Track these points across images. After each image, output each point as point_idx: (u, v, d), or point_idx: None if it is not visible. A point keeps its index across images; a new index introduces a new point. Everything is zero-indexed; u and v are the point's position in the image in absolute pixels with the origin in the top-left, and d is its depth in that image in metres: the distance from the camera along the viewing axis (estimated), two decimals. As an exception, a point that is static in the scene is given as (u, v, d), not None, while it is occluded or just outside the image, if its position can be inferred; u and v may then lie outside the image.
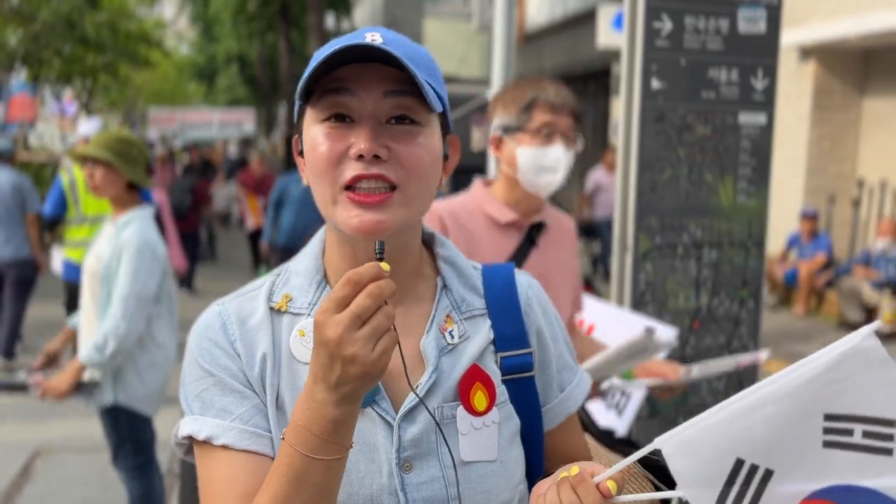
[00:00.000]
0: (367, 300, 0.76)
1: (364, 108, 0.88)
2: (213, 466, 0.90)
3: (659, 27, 2.51)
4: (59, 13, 14.57)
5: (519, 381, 1.00)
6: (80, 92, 20.61)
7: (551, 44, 15.40)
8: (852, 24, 8.14)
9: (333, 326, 0.76)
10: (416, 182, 0.90)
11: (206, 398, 0.92)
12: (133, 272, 2.65)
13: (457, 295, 1.01)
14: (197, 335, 0.97)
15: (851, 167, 9.41)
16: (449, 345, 0.97)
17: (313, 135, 0.91)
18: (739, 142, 2.62)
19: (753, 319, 2.73)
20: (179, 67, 36.07)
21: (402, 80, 0.88)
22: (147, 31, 20.11)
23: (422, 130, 0.91)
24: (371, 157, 0.87)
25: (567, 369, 1.08)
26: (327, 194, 0.90)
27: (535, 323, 1.04)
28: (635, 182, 2.57)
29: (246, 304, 0.98)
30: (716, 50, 2.57)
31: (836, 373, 0.76)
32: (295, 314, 0.97)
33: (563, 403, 1.07)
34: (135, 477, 2.93)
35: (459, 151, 1.05)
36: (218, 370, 0.93)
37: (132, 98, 32.04)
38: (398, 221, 0.89)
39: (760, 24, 2.59)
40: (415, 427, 0.92)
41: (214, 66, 30.49)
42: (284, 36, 18.09)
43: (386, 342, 0.77)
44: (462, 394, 0.95)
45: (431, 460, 0.92)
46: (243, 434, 0.90)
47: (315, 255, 1.01)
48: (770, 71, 2.62)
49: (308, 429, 0.79)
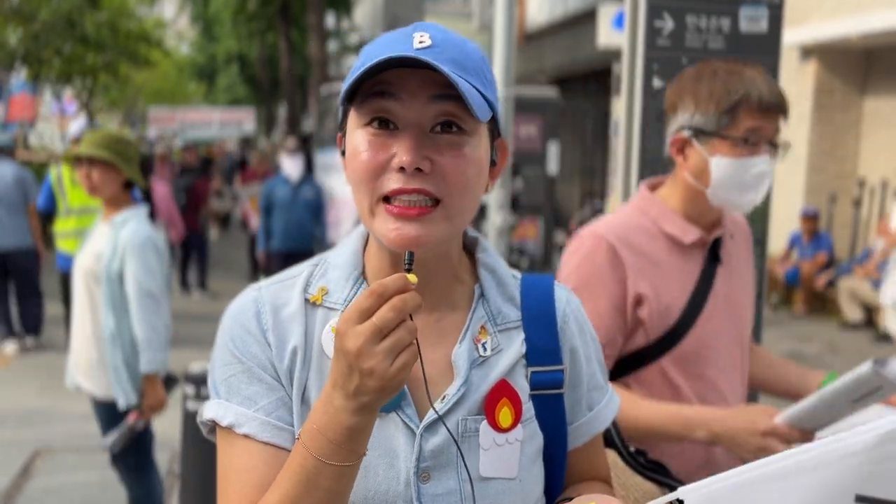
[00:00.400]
0: (390, 313, 0.74)
1: (408, 115, 0.86)
2: (234, 454, 0.90)
3: (660, 26, 2.51)
4: (59, 12, 14.57)
5: (547, 397, 0.98)
6: (81, 91, 20.60)
7: (552, 43, 15.39)
8: (853, 23, 8.14)
9: (354, 338, 0.75)
10: (460, 196, 0.87)
11: (233, 384, 0.92)
12: (147, 268, 2.70)
13: (493, 305, 0.99)
14: (230, 319, 0.96)
15: (852, 167, 9.40)
16: (481, 357, 0.95)
17: (356, 140, 0.88)
18: (741, 141, 2.61)
19: (755, 320, 2.72)
20: (180, 67, 36.09)
21: (449, 84, 0.84)
22: (147, 31, 20.10)
23: (468, 140, 0.88)
24: (413, 170, 0.84)
25: (597, 389, 1.06)
26: (365, 203, 0.89)
27: (570, 340, 1.02)
28: (637, 182, 2.56)
29: (282, 292, 0.96)
30: (717, 49, 2.56)
31: (874, 454, 0.73)
32: (330, 308, 0.95)
33: (591, 423, 1.04)
34: (134, 477, 2.94)
35: (508, 154, 1.02)
36: (247, 358, 0.92)
37: (132, 97, 32.05)
38: (438, 236, 0.87)
39: (762, 23, 2.58)
40: (437, 438, 0.91)
41: (214, 66, 30.52)
42: (284, 35, 18.08)
43: (406, 357, 0.76)
44: (488, 409, 0.93)
45: (450, 473, 0.91)
46: (266, 426, 0.90)
47: (355, 249, 0.99)
48: (772, 71, 2.61)
49: (323, 433, 0.79)
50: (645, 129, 2.56)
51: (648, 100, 2.55)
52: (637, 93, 2.54)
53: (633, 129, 2.58)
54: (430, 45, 0.85)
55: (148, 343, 2.70)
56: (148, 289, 2.70)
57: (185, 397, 2.82)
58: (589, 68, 14.14)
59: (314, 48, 14.60)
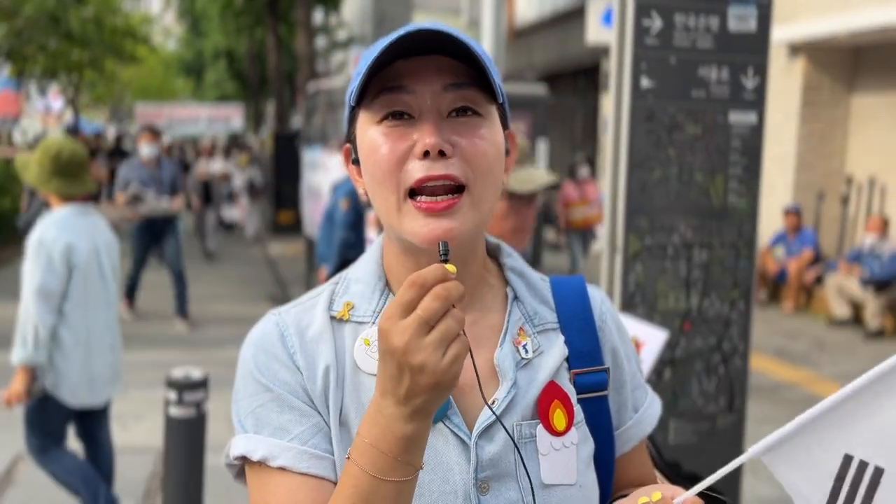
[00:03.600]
0: (435, 303, 0.69)
1: (424, 103, 0.82)
2: (269, 491, 0.83)
3: (648, 25, 2.48)
4: (43, 8, 14.41)
5: (593, 400, 0.94)
6: (66, 87, 20.41)
7: (541, 39, 15.37)
8: (841, 20, 8.15)
9: (399, 333, 0.70)
10: (483, 179, 0.84)
11: (262, 415, 0.85)
12: (30, 270, 2.91)
13: (529, 307, 0.95)
14: (253, 347, 0.90)
15: (840, 164, 9.43)
16: (524, 359, 0.90)
17: (371, 137, 0.84)
18: (730, 141, 2.59)
19: (745, 321, 2.71)
20: (167, 63, 35.84)
21: (461, 71, 0.83)
22: (133, 27, 19.92)
23: (484, 122, 0.85)
24: (436, 153, 0.81)
25: (640, 388, 1.02)
26: (391, 201, 0.84)
27: (609, 340, 0.98)
28: (625, 182, 2.54)
29: (304, 314, 0.92)
30: (706, 48, 2.53)
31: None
32: (358, 322, 0.90)
33: (638, 425, 1.00)
34: (42, 460, 3.08)
35: (517, 145, 0.98)
36: (276, 385, 0.86)
37: (119, 93, 31.80)
38: (469, 226, 0.83)
39: (751, 22, 2.56)
40: (493, 446, 0.85)
41: (202, 62, 30.29)
42: (273, 31, 17.97)
43: (457, 348, 0.70)
44: (541, 412, 0.88)
45: (509, 482, 0.85)
46: (302, 455, 0.83)
47: (376, 260, 0.95)
48: (760, 70, 2.59)
49: (376, 447, 0.73)
50: (633, 128, 2.53)
51: (637, 99, 2.52)
52: (625, 92, 2.52)
53: (622, 128, 2.55)
54: None
55: (20, 337, 2.90)
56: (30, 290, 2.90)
57: (167, 403, 2.78)
58: (578, 65, 14.13)
59: (302, 44, 14.50)
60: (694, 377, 2.65)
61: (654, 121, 2.54)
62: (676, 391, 2.60)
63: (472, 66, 0.83)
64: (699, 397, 2.73)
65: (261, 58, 24.29)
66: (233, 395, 0.91)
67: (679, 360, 2.66)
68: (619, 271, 2.58)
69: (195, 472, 2.77)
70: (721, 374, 2.67)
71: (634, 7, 2.45)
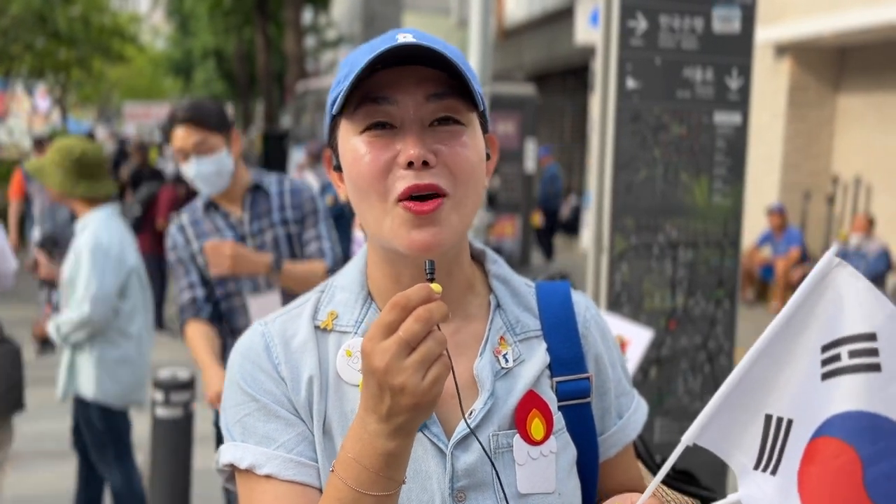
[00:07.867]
0: (416, 325, 0.70)
1: (406, 113, 0.84)
2: (256, 497, 0.85)
3: (633, 26, 2.49)
4: (29, 7, 14.30)
5: (575, 407, 0.94)
6: (53, 87, 20.27)
7: (530, 39, 15.40)
8: (827, 21, 8.21)
9: (380, 354, 0.70)
10: (464, 186, 0.85)
11: (249, 424, 0.87)
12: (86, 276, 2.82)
13: (511, 315, 0.95)
14: (239, 356, 0.92)
15: (826, 164, 9.50)
16: (503, 368, 0.91)
17: (353, 146, 0.85)
18: (715, 141, 2.61)
19: (730, 319, 2.73)
20: (155, 63, 35.64)
21: (442, 81, 0.84)
22: (121, 26, 19.80)
23: (465, 130, 0.86)
24: (420, 163, 0.82)
25: (625, 395, 1.03)
26: (376, 209, 0.85)
27: (593, 347, 0.98)
28: (611, 182, 2.56)
29: (289, 323, 0.93)
30: (691, 49, 2.55)
31: (822, 304, 0.76)
32: (342, 332, 0.91)
33: (623, 431, 1.01)
34: (114, 468, 2.95)
35: (498, 151, 1.00)
36: (262, 395, 0.88)
37: (106, 93, 31.62)
38: (453, 232, 0.85)
39: (735, 23, 2.58)
40: (469, 456, 0.86)
41: (191, 61, 30.16)
42: (261, 31, 17.92)
43: (437, 370, 0.71)
44: (518, 421, 0.89)
45: (486, 491, 0.86)
46: (288, 463, 0.85)
47: (360, 269, 0.95)
48: (745, 71, 2.61)
49: (359, 462, 0.74)
50: (619, 128, 2.55)
51: (622, 100, 2.54)
52: (611, 93, 2.53)
53: (607, 128, 2.57)
54: (417, 43, 0.83)
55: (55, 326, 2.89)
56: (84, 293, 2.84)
57: (153, 403, 2.78)
58: (567, 65, 14.17)
59: (291, 44, 14.47)
60: (679, 376, 2.67)
61: (640, 121, 2.55)
62: (662, 390, 2.62)
63: (452, 75, 0.84)
64: (685, 396, 2.75)
65: (250, 57, 24.22)
66: (221, 403, 0.93)
67: (665, 358, 2.68)
68: (605, 271, 2.60)
69: (182, 471, 2.78)
70: (706, 372, 2.69)
71: (620, 8, 2.47)
